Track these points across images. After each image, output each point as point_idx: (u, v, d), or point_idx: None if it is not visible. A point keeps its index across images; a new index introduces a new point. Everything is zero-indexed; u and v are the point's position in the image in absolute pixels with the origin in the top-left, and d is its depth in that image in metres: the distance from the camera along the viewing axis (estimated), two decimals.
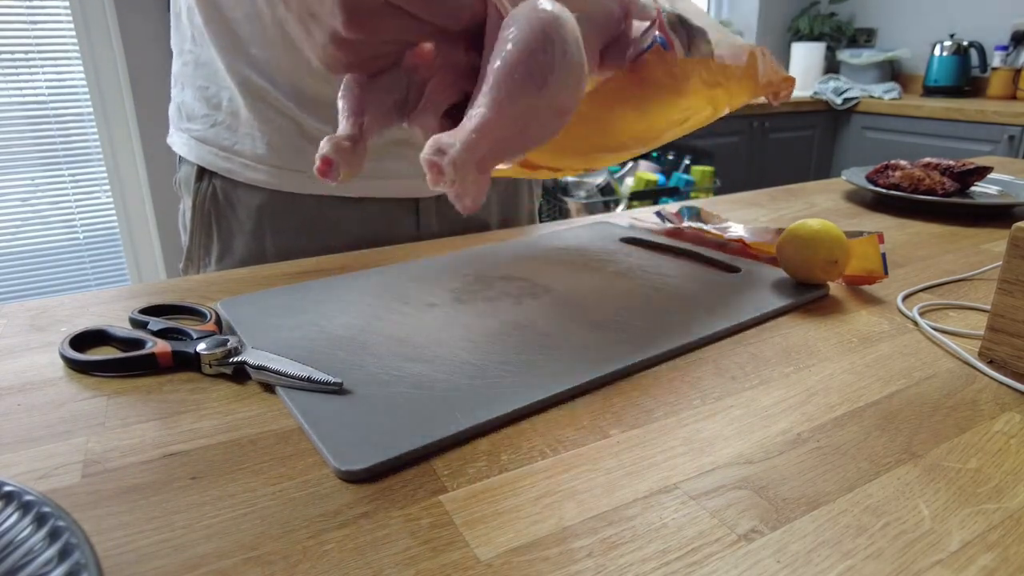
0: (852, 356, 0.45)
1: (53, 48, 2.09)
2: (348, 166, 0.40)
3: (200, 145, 0.70)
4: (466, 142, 0.34)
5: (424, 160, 0.34)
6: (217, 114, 0.69)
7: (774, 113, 2.57)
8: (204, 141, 0.70)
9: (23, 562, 0.24)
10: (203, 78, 0.69)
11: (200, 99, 0.70)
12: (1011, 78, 2.60)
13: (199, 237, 0.73)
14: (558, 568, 0.27)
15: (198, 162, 0.71)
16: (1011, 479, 0.32)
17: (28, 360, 0.45)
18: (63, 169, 2.19)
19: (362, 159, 0.41)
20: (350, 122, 0.42)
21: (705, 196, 2.04)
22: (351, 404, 0.38)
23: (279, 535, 0.29)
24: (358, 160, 0.40)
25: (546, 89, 0.37)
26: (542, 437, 0.36)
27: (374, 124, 0.43)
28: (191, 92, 0.71)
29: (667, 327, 0.48)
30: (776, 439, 0.36)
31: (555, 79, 0.37)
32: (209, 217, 0.72)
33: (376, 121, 0.43)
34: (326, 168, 0.39)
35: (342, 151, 0.40)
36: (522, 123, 0.38)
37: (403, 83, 0.44)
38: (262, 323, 0.49)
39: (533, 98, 0.37)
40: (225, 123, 0.69)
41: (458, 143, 0.34)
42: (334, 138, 0.40)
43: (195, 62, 0.70)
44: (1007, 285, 0.42)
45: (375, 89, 0.43)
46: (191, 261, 0.75)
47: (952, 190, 0.83)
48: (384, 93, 0.43)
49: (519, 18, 0.37)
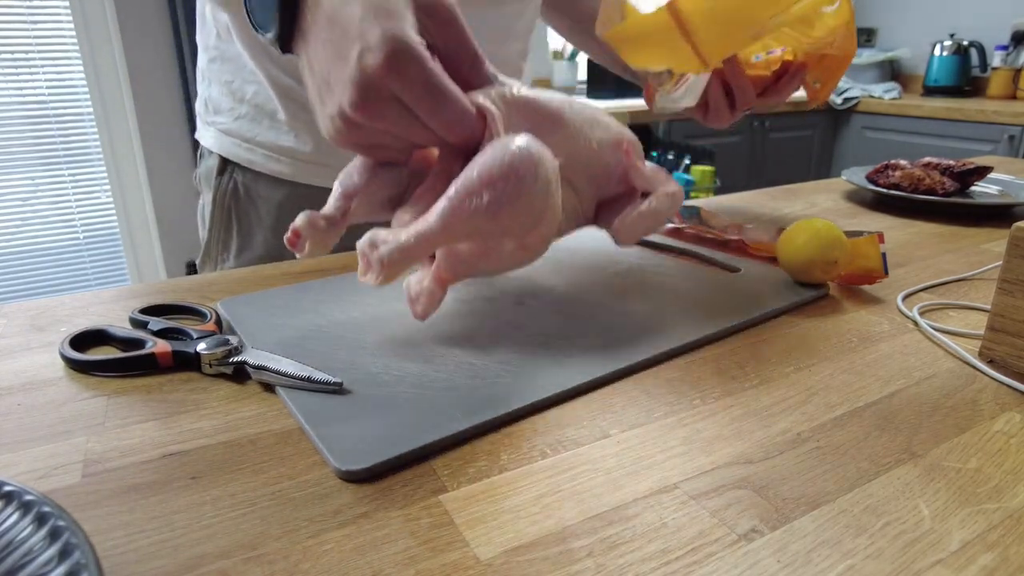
0: (852, 356, 0.45)
1: (53, 48, 2.09)
2: (316, 245, 0.41)
3: (224, 137, 0.71)
4: (401, 245, 0.35)
5: (359, 249, 0.35)
6: (241, 107, 0.70)
7: (774, 113, 2.57)
8: (228, 133, 0.71)
9: (23, 562, 0.24)
10: (229, 72, 0.70)
11: (226, 93, 0.71)
12: (1011, 78, 2.60)
13: (218, 232, 0.74)
14: (558, 568, 0.27)
15: (222, 153, 0.72)
16: (1011, 479, 0.32)
17: (28, 360, 0.45)
18: (63, 169, 2.19)
19: (333, 240, 0.42)
20: (336, 204, 0.44)
21: (705, 196, 2.04)
22: (351, 404, 0.38)
23: (279, 535, 0.29)
24: (329, 240, 0.41)
25: (499, 219, 0.37)
26: (542, 437, 0.36)
27: (361, 211, 0.44)
28: (217, 87, 0.72)
29: (667, 327, 0.48)
30: (776, 439, 0.36)
31: (510, 211, 0.37)
32: (229, 212, 0.72)
33: (364, 209, 0.45)
34: (294, 239, 0.41)
35: (315, 229, 0.41)
36: (478, 246, 0.39)
37: (403, 182, 0.45)
38: (262, 323, 0.49)
39: (484, 223, 0.37)
40: (249, 115, 0.70)
41: (392, 243, 0.35)
42: (312, 215, 0.42)
43: (221, 57, 0.71)
44: (1007, 285, 0.42)
45: (374, 179, 0.44)
46: (208, 256, 0.75)
47: (952, 190, 0.83)
48: (382, 186, 0.44)
49: (496, 145, 0.38)
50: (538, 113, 0.44)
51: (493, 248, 0.40)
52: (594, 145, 0.46)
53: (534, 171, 0.38)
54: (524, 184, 0.37)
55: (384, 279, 0.35)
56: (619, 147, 0.48)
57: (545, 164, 0.39)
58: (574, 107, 0.46)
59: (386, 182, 0.45)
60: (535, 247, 0.41)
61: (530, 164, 0.37)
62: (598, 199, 0.50)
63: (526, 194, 0.38)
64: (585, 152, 0.46)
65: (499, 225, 0.38)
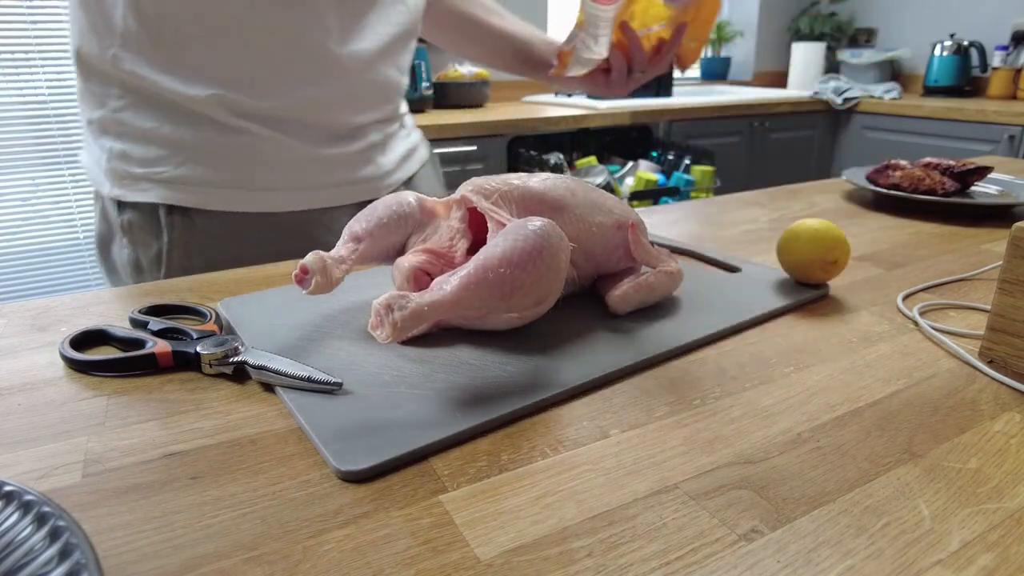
0: (852, 356, 0.45)
1: (53, 48, 2.08)
2: (321, 282, 0.43)
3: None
4: (415, 311, 0.38)
5: (374, 307, 0.37)
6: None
7: (774, 113, 2.57)
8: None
9: (23, 562, 0.24)
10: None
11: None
12: (1011, 78, 2.60)
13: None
14: (558, 568, 0.27)
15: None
16: (1011, 479, 0.32)
17: (28, 360, 0.45)
18: (63, 169, 2.19)
19: (339, 279, 0.45)
20: (344, 247, 0.47)
21: (705, 196, 2.04)
22: (351, 404, 0.38)
23: (279, 535, 0.29)
24: (335, 279, 0.44)
25: (511, 300, 0.41)
26: (542, 437, 0.36)
27: (367, 254, 0.48)
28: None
29: (667, 327, 0.48)
30: (776, 439, 0.36)
31: (522, 295, 0.41)
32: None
33: (369, 253, 0.48)
34: (301, 276, 0.43)
35: (323, 267, 0.43)
36: (479, 314, 0.43)
37: (407, 231, 0.50)
38: (262, 323, 0.49)
39: (496, 302, 0.41)
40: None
41: (408, 310, 0.37)
42: (320, 254, 0.44)
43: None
44: (1007, 285, 0.42)
45: (380, 227, 0.49)
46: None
47: (952, 190, 0.83)
48: (387, 233, 0.49)
49: (521, 232, 0.41)
50: (541, 204, 0.48)
51: (493, 315, 0.43)
52: (594, 228, 0.50)
53: (550, 260, 0.41)
54: (541, 273, 0.41)
55: (393, 340, 0.37)
56: (622, 228, 0.51)
57: (563, 251, 0.42)
58: (577, 195, 0.50)
59: (391, 230, 0.49)
60: (532, 317, 0.45)
61: (549, 255, 0.41)
62: (597, 273, 0.53)
63: (540, 282, 0.41)
64: (585, 234, 0.50)
65: (509, 304, 0.41)
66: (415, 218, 0.50)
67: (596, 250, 0.51)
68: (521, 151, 2.04)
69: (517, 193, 0.48)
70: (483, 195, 0.48)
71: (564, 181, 0.51)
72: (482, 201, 0.47)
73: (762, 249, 0.68)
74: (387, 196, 0.51)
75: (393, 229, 0.49)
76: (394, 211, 0.49)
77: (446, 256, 0.48)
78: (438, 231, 0.50)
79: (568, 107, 2.27)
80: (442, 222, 0.50)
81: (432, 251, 0.49)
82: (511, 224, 0.43)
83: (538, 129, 2.05)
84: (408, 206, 0.50)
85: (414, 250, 0.49)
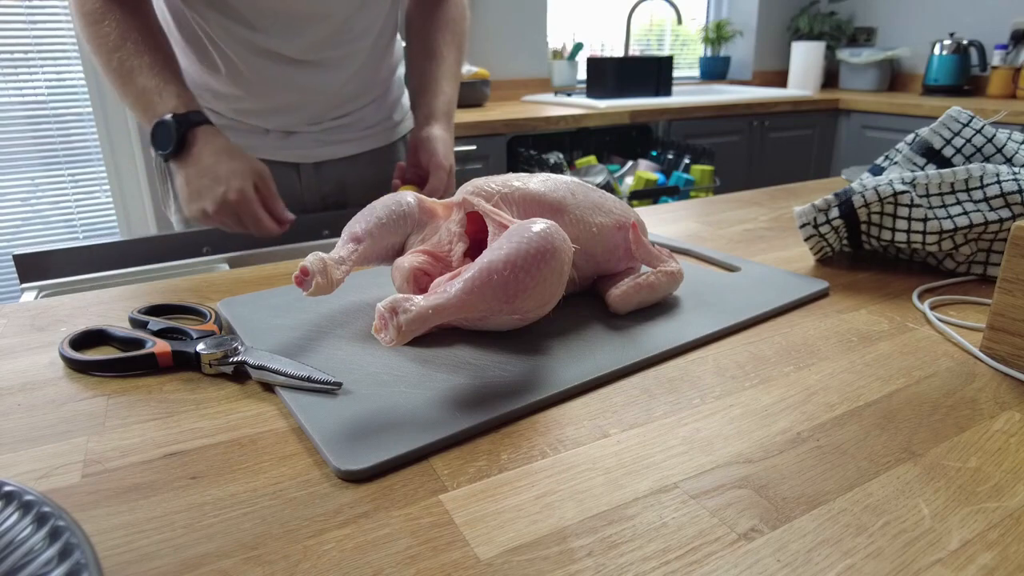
0: (852, 355, 0.45)
1: (53, 48, 2.08)
2: (322, 283, 0.43)
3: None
4: (420, 314, 0.37)
5: (378, 311, 0.37)
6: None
7: (774, 112, 2.57)
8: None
9: (23, 562, 0.24)
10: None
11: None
12: (1011, 77, 2.60)
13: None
14: (558, 567, 0.27)
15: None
16: (1011, 478, 0.32)
17: (28, 360, 0.45)
18: (63, 169, 2.19)
19: (339, 281, 0.44)
20: (344, 248, 0.47)
21: (705, 195, 2.04)
22: (351, 404, 0.38)
23: (279, 535, 0.29)
24: (335, 280, 0.44)
25: (514, 303, 0.41)
26: (542, 437, 0.36)
27: (366, 255, 0.48)
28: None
29: (667, 327, 0.48)
30: (776, 438, 0.36)
31: (526, 298, 0.41)
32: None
33: (369, 254, 0.48)
34: (301, 277, 0.43)
35: (323, 268, 0.43)
36: (481, 315, 0.43)
37: (405, 232, 0.50)
38: (262, 323, 0.49)
39: (500, 305, 0.41)
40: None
41: (412, 313, 0.37)
42: (321, 255, 0.44)
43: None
44: (1007, 284, 0.42)
45: (379, 228, 0.49)
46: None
47: None
48: (386, 234, 0.49)
49: (525, 235, 0.41)
50: (542, 205, 0.48)
51: (495, 317, 0.43)
52: (595, 229, 0.50)
53: (554, 264, 0.41)
54: (544, 276, 0.41)
55: (397, 343, 0.37)
56: (622, 228, 0.51)
57: (566, 254, 0.42)
58: (577, 196, 0.50)
59: (390, 230, 0.49)
60: (533, 318, 0.45)
61: (552, 258, 0.41)
62: (598, 273, 0.53)
63: (543, 285, 0.41)
64: (586, 235, 0.50)
65: (512, 306, 0.41)
66: (414, 218, 0.50)
67: (597, 250, 0.51)
68: (521, 150, 2.04)
69: (518, 195, 0.48)
70: (484, 197, 0.48)
71: (564, 182, 0.51)
72: (483, 203, 0.47)
73: (761, 248, 0.68)
74: (385, 196, 0.51)
75: (392, 229, 0.49)
76: (393, 211, 0.49)
77: (444, 260, 0.48)
78: (437, 231, 0.50)
79: (568, 107, 2.27)
80: (441, 223, 0.50)
81: (431, 253, 0.49)
82: (514, 226, 0.43)
83: (538, 128, 2.05)
84: (407, 206, 0.50)
85: (413, 251, 0.49)
